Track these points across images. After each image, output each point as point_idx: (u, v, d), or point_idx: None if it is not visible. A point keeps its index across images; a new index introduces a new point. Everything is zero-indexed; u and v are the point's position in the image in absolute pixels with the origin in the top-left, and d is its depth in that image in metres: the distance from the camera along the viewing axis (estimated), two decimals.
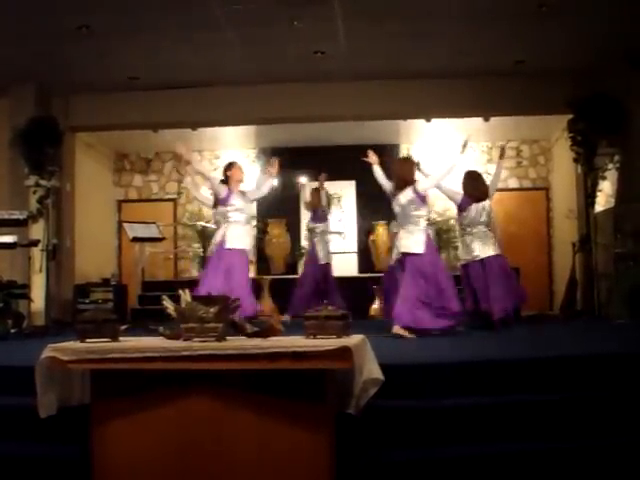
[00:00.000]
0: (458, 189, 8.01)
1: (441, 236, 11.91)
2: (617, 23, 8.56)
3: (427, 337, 6.69)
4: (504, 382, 4.26)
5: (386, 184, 7.57)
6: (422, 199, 7.27)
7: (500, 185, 8.89)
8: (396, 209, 7.36)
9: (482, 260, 7.75)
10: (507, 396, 4.17)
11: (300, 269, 12.61)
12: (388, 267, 7.85)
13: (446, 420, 3.94)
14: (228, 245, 7.44)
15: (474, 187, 7.97)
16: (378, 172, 7.61)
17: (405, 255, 7.13)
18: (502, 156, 8.40)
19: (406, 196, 7.22)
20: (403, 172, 7.41)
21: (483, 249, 7.79)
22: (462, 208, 7.93)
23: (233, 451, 3.45)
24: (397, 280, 7.21)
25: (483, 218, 7.85)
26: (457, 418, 3.96)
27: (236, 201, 7.58)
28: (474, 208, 7.86)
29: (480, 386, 4.23)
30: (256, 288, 11.14)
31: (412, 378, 4.19)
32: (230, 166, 7.78)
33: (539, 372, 4.34)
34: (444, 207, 12.42)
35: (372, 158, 7.67)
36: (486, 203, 7.90)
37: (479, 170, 8.69)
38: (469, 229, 7.90)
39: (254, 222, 11.76)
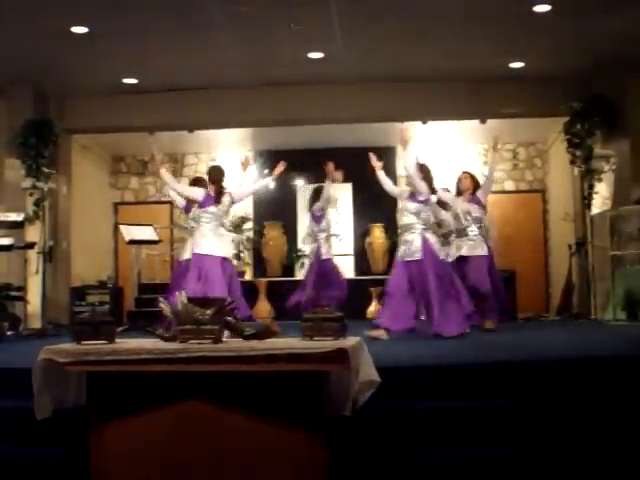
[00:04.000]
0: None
1: None
2: (613, 26, 8.57)
3: (424, 340, 6.71)
4: (500, 384, 4.25)
5: (394, 189, 7.57)
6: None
7: (496, 188, 8.90)
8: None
9: None
10: (503, 399, 4.17)
11: (297, 271, 12.63)
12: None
13: (442, 423, 3.94)
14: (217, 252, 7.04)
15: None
16: (383, 177, 7.46)
17: None
18: (495, 148, 8.08)
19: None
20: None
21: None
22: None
23: (229, 452, 3.44)
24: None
25: None
26: (452, 421, 3.95)
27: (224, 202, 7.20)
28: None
29: (476, 388, 4.23)
30: (253, 291, 11.27)
31: (408, 380, 4.19)
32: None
33: (537, 374, 4.34)
34: None
35: (375, 163, 7.51)
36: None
37: (475, 172, 8.67)
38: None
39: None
